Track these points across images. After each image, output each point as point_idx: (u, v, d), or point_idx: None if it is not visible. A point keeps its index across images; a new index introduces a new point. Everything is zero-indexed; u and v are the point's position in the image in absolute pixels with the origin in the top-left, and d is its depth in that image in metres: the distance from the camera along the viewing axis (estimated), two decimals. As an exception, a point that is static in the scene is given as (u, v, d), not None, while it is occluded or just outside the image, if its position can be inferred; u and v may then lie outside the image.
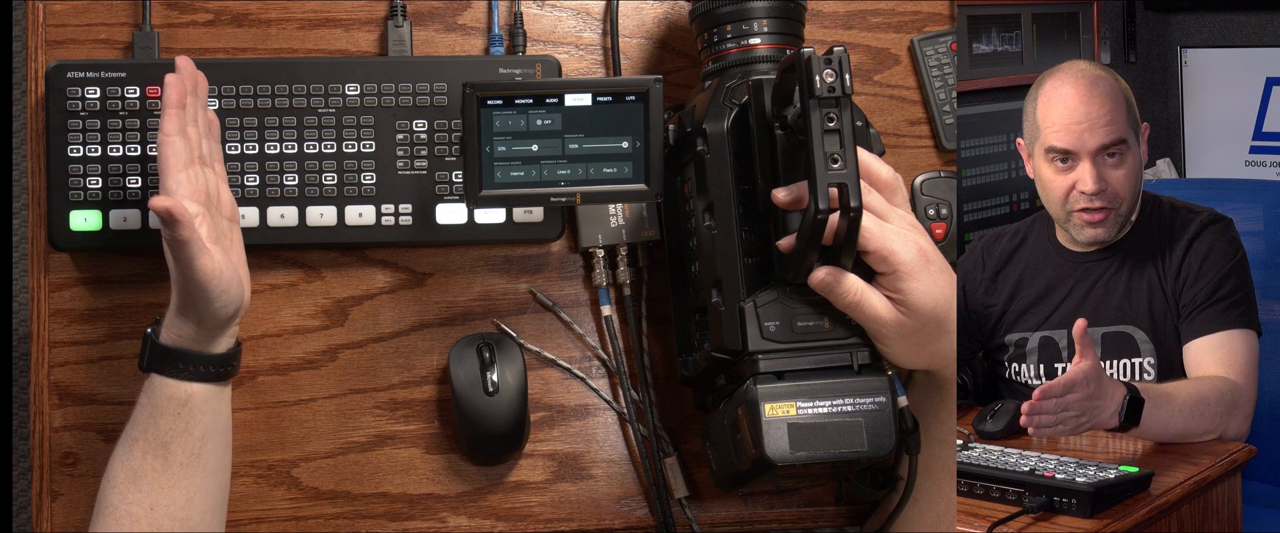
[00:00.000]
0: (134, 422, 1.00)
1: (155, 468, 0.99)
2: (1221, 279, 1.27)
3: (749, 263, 0.99)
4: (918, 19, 1.23)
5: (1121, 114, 1.28)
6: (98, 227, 1.11)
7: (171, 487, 0.99)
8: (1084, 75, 1.30)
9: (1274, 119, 2.27)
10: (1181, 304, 1.28)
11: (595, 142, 1.02)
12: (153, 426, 0.99)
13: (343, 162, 1.12)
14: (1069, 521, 1.01)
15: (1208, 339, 1.26)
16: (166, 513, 0.99)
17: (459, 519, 1.16)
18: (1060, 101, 1.29)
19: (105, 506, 0.99)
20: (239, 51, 1.16)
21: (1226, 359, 1.25)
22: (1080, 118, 1.28)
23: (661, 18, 1.20)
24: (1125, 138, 1.28)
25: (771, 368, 0.97)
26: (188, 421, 0.99)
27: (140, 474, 0.99)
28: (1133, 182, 1.29)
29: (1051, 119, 1.29)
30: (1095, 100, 1.28)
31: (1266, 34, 2.32)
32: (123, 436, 1.01)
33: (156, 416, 0.99)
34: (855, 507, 1.17)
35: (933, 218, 1.19)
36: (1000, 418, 1.22)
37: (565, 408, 1.17)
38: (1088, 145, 1.27)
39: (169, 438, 0.99)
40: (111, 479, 1.00)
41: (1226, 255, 1.29)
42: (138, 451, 0.99)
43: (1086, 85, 1.29)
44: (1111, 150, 1.28)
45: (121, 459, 1.00)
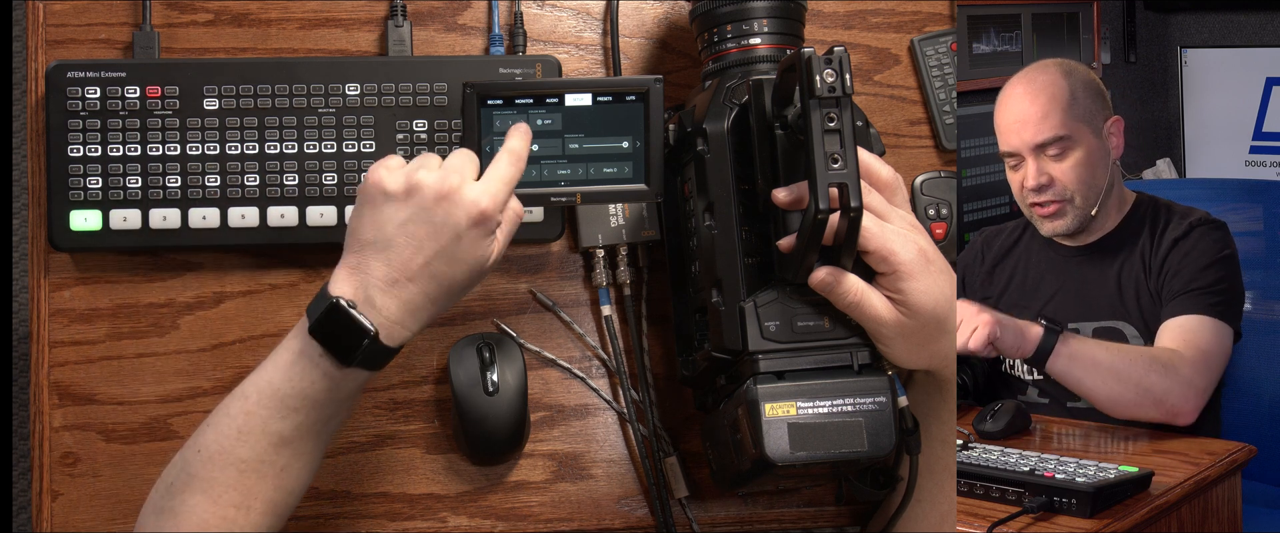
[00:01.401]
0: (298, 393, 0.92)
1: (307, 442, 0.94)
2: (1200, 271, 1.28)
3: (749, 263, 0.99)
4: (918, 19, 1.23)
5: (1059, 109, 1.30)
6: (98, 227, 1.11)
7: (311, 456, 0.96)
8: (1028, 75, 1.33)
9: (1274, 119, 2.27)
10: (1163, 297, 1.29)
11: (595, 141, 1.02)
12: (328, 408, 0.94)
13: (343, 162, 1.12)
14: (1069, 521, 1.01)
15: (1175, 321, 1.27)
16: (295, 477, 0.96)
17: (459, 519, 1.16)
18: (1005, 104, 1.33)
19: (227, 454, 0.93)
20: (239, 51, 1.16)
21: (1182, 337, 1.25)
22: (1018, 117, 1.31)
23: (661, 18, 1.20)
24: (1064, 133, 1.30)
25: (771, 368, 0.97)
26: (352, 402, 0.97)
27: (288, 443, 0.93)
28: (1080, 172, 1.30)
29: (1000, 123, 1.33)
30: (1031, 98, 1.31)
31: (1266, 34, 2.32)
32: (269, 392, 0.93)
33: (337, 400, 0.94)
34: (855, 507, 1.17)
35: (933, 218, 1.19)
36: (1000, 418, 1.22)
37: (565, 408, 1.17)
38: (1026, 143, 1.31)
39: (333, 418, 0.95)
40: (245, 432, 0.92)
41: (1209, 252, 1.29)
42: (293, 422, 0.93)
43: (1026, 85, 1.32)
44: (1050, 147, 1.30)
45: (268, 420, 0.92)
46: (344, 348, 0.91)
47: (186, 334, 1.15)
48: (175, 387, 1.14)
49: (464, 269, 0.93)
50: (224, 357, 1.15)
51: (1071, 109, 1.30)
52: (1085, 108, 1.30)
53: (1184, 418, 1.20)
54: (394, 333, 0.93)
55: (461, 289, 0.95)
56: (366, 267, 0.92)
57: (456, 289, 0.94)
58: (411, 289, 0.92)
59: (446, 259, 0.92)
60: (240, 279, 1.15)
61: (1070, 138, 1.29)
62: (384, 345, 0.92)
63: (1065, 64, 1.33)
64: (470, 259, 0.93)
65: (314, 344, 0.92)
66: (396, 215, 0.91)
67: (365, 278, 0.92)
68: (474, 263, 0.93)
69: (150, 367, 1.14)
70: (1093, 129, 1.31)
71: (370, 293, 0.91)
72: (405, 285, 0.92)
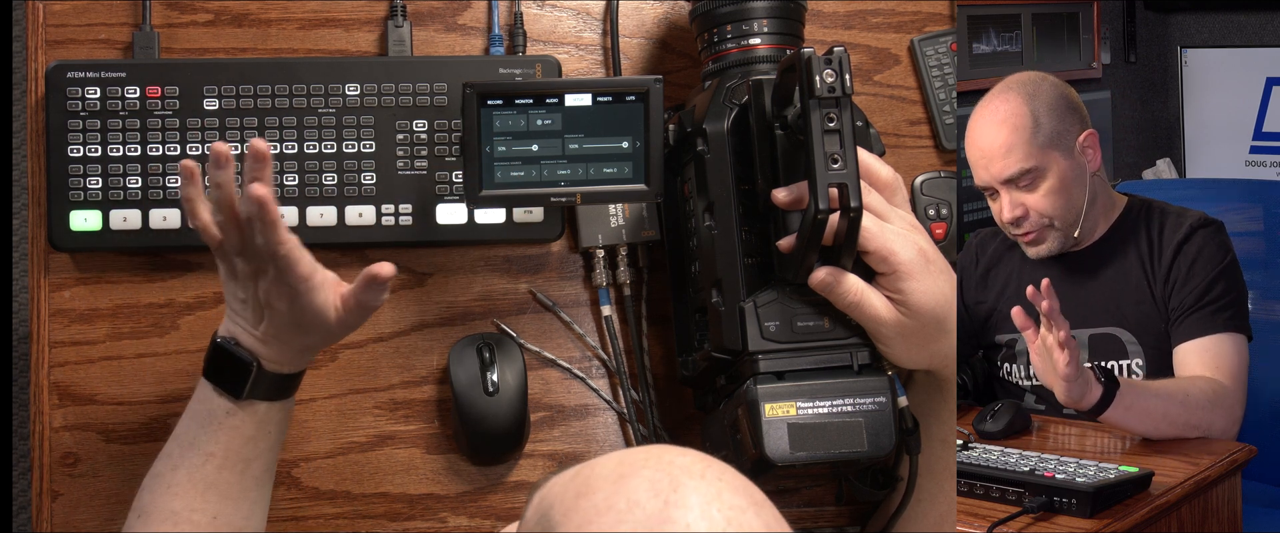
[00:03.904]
0: (210, 436, 0.98)
1: (231, 481, 0.98)
2: (1211, 283, 1.28)
3: (749, 263, 0.99)
4: (918, 19, 1.23)
5: (1022, 141, 1.28)
6: (98, 227, 1.11)
7: (240, 499, 0.99)
8: (991, 104, 1.31)
9: (1274, 119, 2.27)
10: (1171, 308, 1.29)
11: (595, 142, 1.02)
12: (240, 444, 0.98)
13: (343, 162, 1.12)
14: (1069, 521, 1.01)
15: (1196, 343, 1.26)
16: (228, 523, 0.99)
17: (459, 519, 1.16)
18: (971, 137, 1.32)
19: (162, 510, 0.98)
20: (239, 51, 1.16)
21: (1213, 362, 1.25)
22: (983, 152, 1.31)
23: (661, 18, 1.20)
24: (1030, 165, 1.28)
25: (771, 368, 0.97)
26: (271, 437, 1.00)
27: (213, 486, 0.98)
28: (1054, 199, 1.30)
29: (969, 157, 1.33)
30: (992, 131, 1.30)
31: (1266, 34, 2.32)
32: (187, 442, 0.98)
33: (246, 435, 0.98)
34: (855, 507, 1.17)
35: (933, 218, 1.19)
36: (1000, 418, 1.22)
37: (565, 408, 1.17)
38: (995, 178, 1.31)
39: (252, 455, 0.99)
40: (172, 486, 0.98)
41: (1215, 259, 1.29)
42: (214, 465, 0.98)
43: (988, 116, 1.31)
44: (1019, 179, 1.29)
45: (192, 469, 0.98)
46: (236, 383, 0.97)
47: (186, 334, 1.15)
48: (175, 387, 1.14)
49: (301, 325, 0.96)
50: (224, 357, 1.15)
51: (1035, 138, 1.28)
52: (1051, 132, 1.29)
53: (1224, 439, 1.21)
54: (276, 365, 0.98)
55: (316, 338, 0.98)
56: (234, 316, 0.98)
57: (306, 338, 0.98)
58: (264, 325, 0.97)
59: (280, 321, 0.96)
60: (240, 279, 1.15)
61: (1037, 168, 1.29)
62: (272, 374, 0.98)
63: (1030, 83, 1.31)
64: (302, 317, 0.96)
65: (209, 386, 0.98)
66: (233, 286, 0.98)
67: (233, 325, 0.98)
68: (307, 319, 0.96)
69: (150, 367, 1.14)
70: (1062, 151, 1.29)
71: (238, 337, 0.98)
72: (263, 335, 0.97)
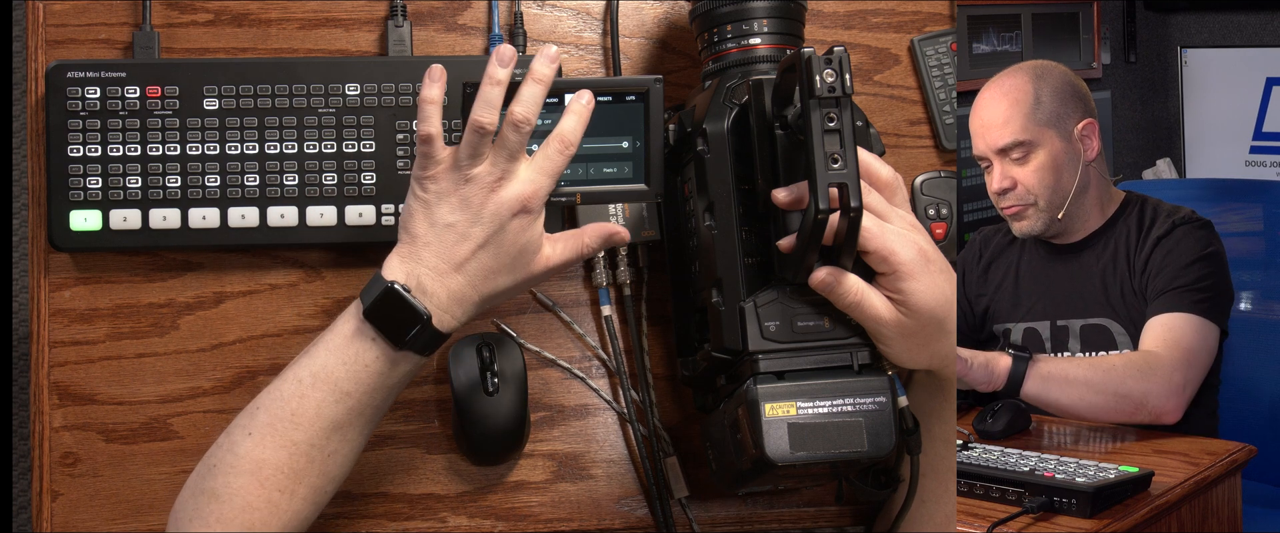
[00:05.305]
0: (351, 376, 0.95)
1: (357, 428, 0.98)
2: (1183, 268, 1.29)
3: (749, 263, 0.99)
4: (918, 19, 1.23)
5: (1021, 114, 1.31)
6: (98, 227, 1.11)
7: (356, 444, 1.00)
8: (998, 79, 1.35)
9: (1274, 119, 2.27)
10: (1148, 296, 1.30)
11: (595, 141, 1.02)
12: (382, 394, 0.97)
13: (343, 162, 1.12)
14: (1069, 521, 1.01)
15: (1156, 319, 1.27)
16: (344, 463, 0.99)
17: (459, 519, 1.16)
18: (975, 109, 1.35)
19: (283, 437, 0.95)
20: (239, 51, 1.16)
21: (1163, 336, 1.25)
22: (983, 122, 1.34)
23: (661, 18, 1.20)
24: (1025, 138, 1.31)
25: (772, 368, 0.97)
26: (396, 392, 1.00)
27: (339, 428, 0.96)
28: (1043, 176, 1.32)
29: (971, 127, 1.35)
30: (995, 104, 1.33)
31: (1266, 34, 2.32)
32: (324, 377, 0.95)
33: (389, 385, 0.97)
34: (855, 507, 1.17)
35: (933, 218, 1.19)
36: (1000, 418, 1.22)
37: (565, 408, 1.17)
38: (989, 147, 1.33)
39: (382, 404, 0.99)
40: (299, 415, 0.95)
41: (1192, 249, 1.30)
42: (345, 406, 0.96)
43: (994, 89, 1.34)
44: (1012, 151, 1.32)
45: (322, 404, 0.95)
46: (398, 331, 0.95)
47: (186, 334, 1.15)
48: (175, 387, 1.14)
49: (508, 260, 0.96)
50: (224, 357, 1.15)
51: (1034, 114, 1.32)
52: (1051, 111, 1.32)
53: (1168, 417, 1.20)
54: (443, 320, 0.96)
55: (509, 281, 0.97)
56: (418, 255, 0.96)
57: (502, 279, 0.97)
58: (458, 279, 0.96)
59: (492, 251, 0.95)
60: (240, 279, 1.15)
61: (1031, 142, 1.32)
62: (435, 330, 0.95)
63: (1040, 67, 1.34)
64: (514, 249, 0.96)
65: (368, 327, 0.95)
66: (445, 208, 0.95)
67: (416, 266, 0.95)
68: (516, 253, 0.96)
69: (150, 367, 1.14)
70: (1059, 132, 1.32)
71: (421, 280, 0.95)
72: (452, 275, 0.95)
